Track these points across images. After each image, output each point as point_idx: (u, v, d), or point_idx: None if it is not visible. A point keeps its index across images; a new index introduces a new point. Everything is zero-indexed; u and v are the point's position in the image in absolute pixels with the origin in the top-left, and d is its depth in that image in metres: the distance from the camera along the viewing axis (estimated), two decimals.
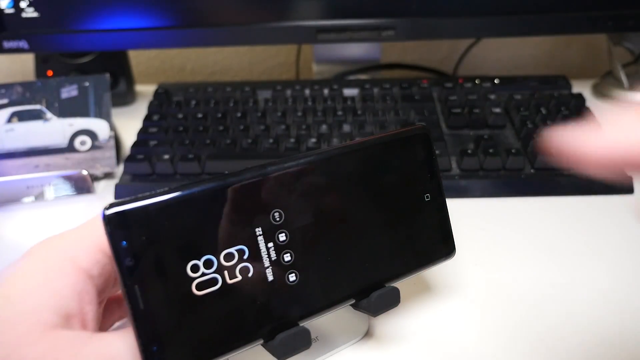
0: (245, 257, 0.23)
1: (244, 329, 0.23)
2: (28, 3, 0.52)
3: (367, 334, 0.31)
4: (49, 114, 0.48)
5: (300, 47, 0.70)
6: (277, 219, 0.24)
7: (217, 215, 0.23)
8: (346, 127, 0.48)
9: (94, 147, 0.48)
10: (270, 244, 0.24)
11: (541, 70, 0.73)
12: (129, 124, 0.54)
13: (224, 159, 0.45)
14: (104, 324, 0.26)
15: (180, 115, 0.51)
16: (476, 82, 0.53)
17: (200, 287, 0.22)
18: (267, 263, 0.23)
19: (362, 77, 0.62)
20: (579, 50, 0.73)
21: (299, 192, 0.24)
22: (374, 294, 0.26)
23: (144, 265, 0.21)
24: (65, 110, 0.48)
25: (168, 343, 0.21)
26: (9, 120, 0.48)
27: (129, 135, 0.51)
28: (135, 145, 0.47)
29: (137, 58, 0.73)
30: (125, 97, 0.63)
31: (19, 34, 0.53)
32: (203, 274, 0.22)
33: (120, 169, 0.47)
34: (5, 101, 0.48)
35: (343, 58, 0.62)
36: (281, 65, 0.76)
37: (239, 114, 0.50)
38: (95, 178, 0.47)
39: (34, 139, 0.48)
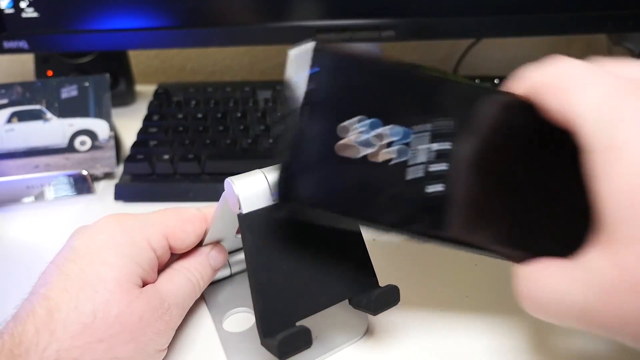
0: (400, 143, 0.22)
1: (369, 204, 0.22)
2: (28, 3, 0.52)
3: (367, 333, 0.31)
4: (49, 114, 0.48)
5: None
6: (451, 130, 0.23)
7: (404, 94, 0.23)
8: None
9: (94, 147, 0.48)
10: (435, 145, 0.23)
11: None
12: (129, 124, 0.54)
13: (224, 159, 0.45)
14: None
15: (180, 115, 0.51)
16: (476, 82, 0.53)
17: (341, 148, 0.22)
18: (417, 160, 0.23)
19: None
20: (579, 50, 0.73)
21: (494, 128, 0.23)
22: (374, 293, 0.26)
23: (320, 98, 0.22)
24: (65, 110, 0.48)
25: (307, 173, 0.22)
26: (9, 120, 0.48)
27: (129, 135, 0.51)
28: (135, 145, 0.47)
29: (137, 58, 0.73)
30: (125, 97, 0.63)
31: (19, 34, 0.53)
32: (360, 134, 0.22)
33: (120, 169, 0.47)
34: (5, 101, 0.48)
35: None
36: (281, 65, 0.75)
37: (239, 114, 0.50)
38: (95, 178, 0.47)
39: (34, 139, 0.48)
